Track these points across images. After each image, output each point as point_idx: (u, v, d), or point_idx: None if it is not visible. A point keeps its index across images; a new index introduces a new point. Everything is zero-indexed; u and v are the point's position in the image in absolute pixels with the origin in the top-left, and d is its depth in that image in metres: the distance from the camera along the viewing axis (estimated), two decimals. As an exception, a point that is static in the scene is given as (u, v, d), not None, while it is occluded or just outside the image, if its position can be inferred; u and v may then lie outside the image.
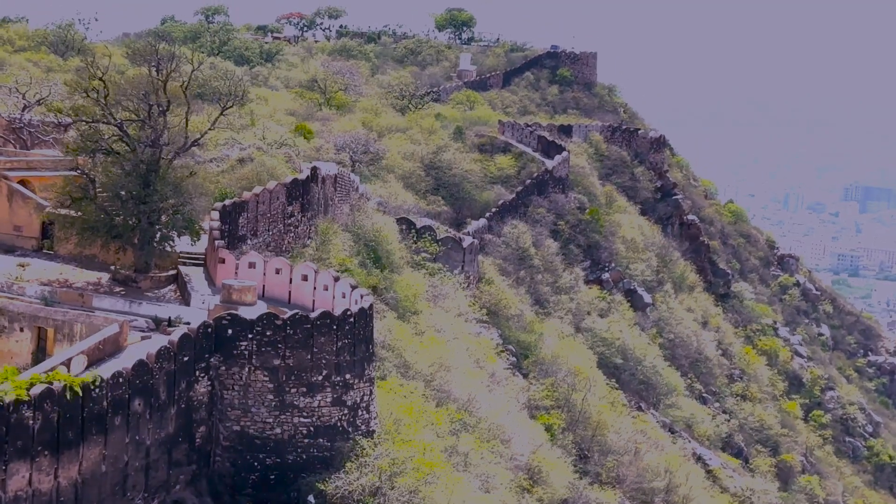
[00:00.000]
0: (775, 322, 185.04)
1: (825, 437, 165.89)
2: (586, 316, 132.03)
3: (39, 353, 64.03)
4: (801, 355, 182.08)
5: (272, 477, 60.68)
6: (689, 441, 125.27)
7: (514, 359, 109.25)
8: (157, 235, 74.55)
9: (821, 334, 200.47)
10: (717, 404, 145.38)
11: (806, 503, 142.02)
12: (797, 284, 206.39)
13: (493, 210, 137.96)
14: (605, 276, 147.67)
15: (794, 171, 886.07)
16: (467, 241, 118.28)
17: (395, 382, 74.01)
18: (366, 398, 63.88)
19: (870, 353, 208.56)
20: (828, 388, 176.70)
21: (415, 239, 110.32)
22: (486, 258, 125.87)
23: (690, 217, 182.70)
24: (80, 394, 51.68)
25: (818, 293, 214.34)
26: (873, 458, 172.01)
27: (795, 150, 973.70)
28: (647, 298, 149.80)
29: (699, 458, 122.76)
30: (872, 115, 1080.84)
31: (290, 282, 72.01)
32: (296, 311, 63.28)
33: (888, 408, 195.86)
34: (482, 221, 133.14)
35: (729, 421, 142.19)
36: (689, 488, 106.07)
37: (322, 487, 59.69)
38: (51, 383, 51.11)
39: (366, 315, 64.63)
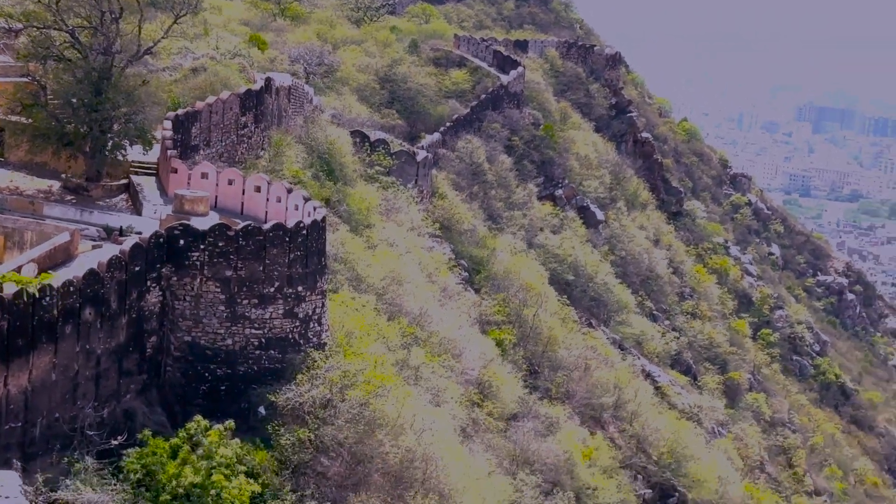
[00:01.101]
0: (726, 241, 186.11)
1: (773, 356, 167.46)
2: (539, 232, 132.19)
3: (-11, 261, 63.60)
4: (751, 274, 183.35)
5: (223, 388, 60.70)
6: (639, 358, 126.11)
7: (466, 274, 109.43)
8: (109, 144, 73.88)
9: (771, 254, 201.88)
10: (667, 322, 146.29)
11: (752, 420, 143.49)
12: (749, 204, 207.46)
13: (448, 124, 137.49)
14: (559, 192, 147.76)
15: (747, 91, 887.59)
16: (421, 155, 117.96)
17: (347, 295, 74.05)
18: (317, 311, 63.86)
19: (819, 272, 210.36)
20: (776, 308, 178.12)
21: (368, 152, 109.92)
22: (440, 173, 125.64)
23: (644, 135, 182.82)
24: (36, 295, 51.39)
25: (769, 213, 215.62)
26: (819, 376, 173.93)
27: (750, 70, 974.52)
28: (600, 215, 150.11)
29: (648, 375, 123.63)
30: (827, 36, 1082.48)
31: (243, 193, 71.68)
32: (248, 222, 63.04)
33: (835, 327, 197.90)
34: (436, 136, 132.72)
35: (678, 338, 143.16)
36: (637, 404, 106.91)
37: (273, 399, 59.79)
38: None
39: (318, 227, 64.45)
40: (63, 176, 74.62)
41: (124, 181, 75.36)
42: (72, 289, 53.42)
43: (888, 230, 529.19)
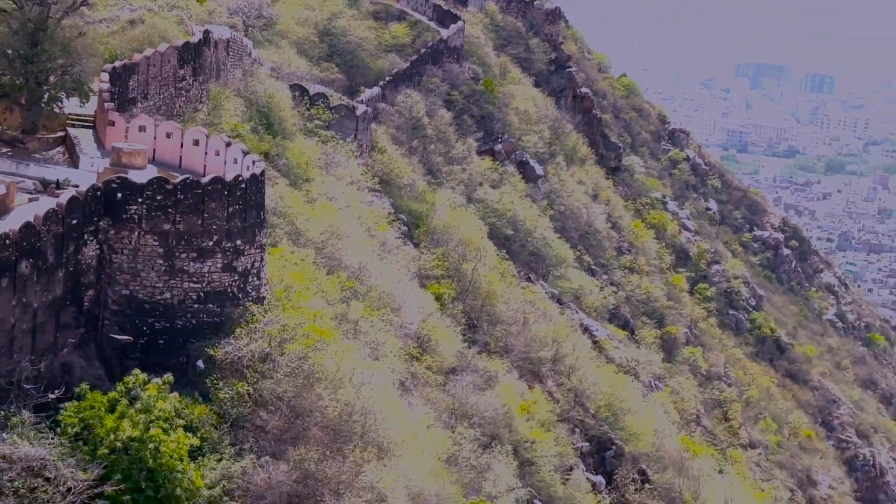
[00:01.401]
0: (664, 196, 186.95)
1: (709, 310, 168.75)
2: (478, 187, 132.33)
3: (-77, 214, 62.94)
4: (688, 229, 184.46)
5: (161, 342, 60.59)
6: (577, 312, 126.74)
7: (406, 228, 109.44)
8: (45, 96, 73.17)
9: (708, 209, 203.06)
10: (605, 276, 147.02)
11: (689, 374, 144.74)
12: (687, 159, 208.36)
13: (387, 78, 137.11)
14: (498, 147, 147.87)
15: (687, 47, 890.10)
16: (360, 109, 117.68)
17: (286, 249, 73.98)
18: (256, 264, 63.79)
19: (755, 227, 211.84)
20: (713, 262, 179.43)
21: (308, 106, 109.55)
22: (379, 127, 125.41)
23: (583, 90, 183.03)
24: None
25: (707, 168, 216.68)
26: (755, 330, 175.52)
27: (689, 26, 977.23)
28: (539, 170, 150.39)
29: (586, 329, 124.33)
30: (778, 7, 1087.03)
31: (181, 146, 71.29)
32: (186, 175, 62.76)
33: (771, 282, 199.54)
34: (376, 90, 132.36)
35: (616, 293, 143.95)
36: (575, 358, 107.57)
37: (211, 353, 59.78)
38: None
39: (257, 181, 64.29)
40: (-2, 128, 73.91)
41: (61, 134, 74.71)
42: (7, 242, 53.01)
43: (824, 186, 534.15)
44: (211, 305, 61.53)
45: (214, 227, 61.21)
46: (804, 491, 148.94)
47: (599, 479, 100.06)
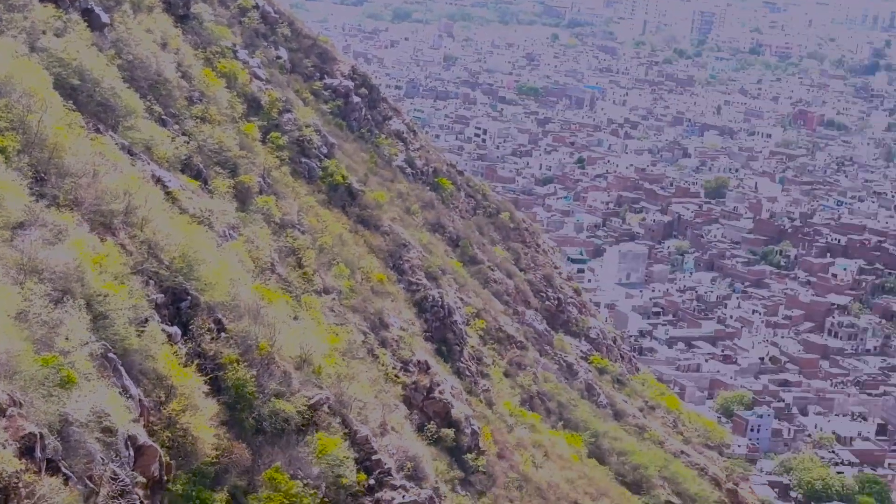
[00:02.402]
0: (234, 45, 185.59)
1: (282, 159, 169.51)
2: (42, 35, 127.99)
3: None
4: (259, 78, 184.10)
5: None
6: (149, 163, 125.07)
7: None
8: None
9: (279, 57, 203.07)
10: (176, 126, 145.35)
11: (263, 223, 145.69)
12: (256, 7, 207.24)
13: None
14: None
15: None
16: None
17: None
18: None
19: (326, 76, 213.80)
20: (285, 111, 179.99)
21: None
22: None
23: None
24: None
25: (277, 16, 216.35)
26: (327, 178, 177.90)
27: None
28: (105, 18, 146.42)
29: (158, 180, 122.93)
30: None
31: None
32: None
33: (342, 129, 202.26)
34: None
35: (188, 143, 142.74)
36: (148, 210, 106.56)
37: None
38: None
39: None
40: None
41: None
42: None
43: (391, 34, 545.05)
44: None
45: None
46: (377, 333, 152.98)
47: (175, 329, 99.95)
